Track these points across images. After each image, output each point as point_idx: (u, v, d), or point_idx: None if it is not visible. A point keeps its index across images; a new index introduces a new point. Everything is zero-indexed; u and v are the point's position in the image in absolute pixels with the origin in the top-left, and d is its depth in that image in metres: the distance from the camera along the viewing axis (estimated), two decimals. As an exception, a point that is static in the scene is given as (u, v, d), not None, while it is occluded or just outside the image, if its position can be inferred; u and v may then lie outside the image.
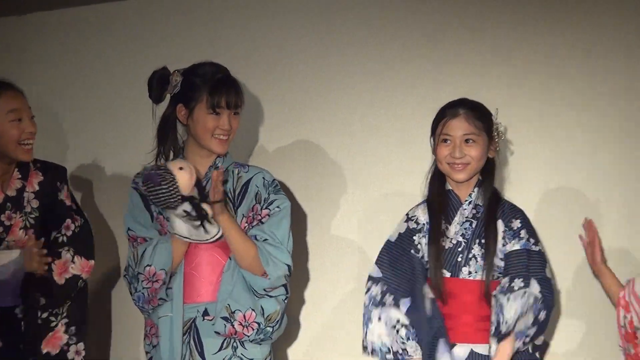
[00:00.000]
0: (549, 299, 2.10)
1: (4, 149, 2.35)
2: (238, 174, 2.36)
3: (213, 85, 2.23)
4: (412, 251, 2.23)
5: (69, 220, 2.49)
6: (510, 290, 2.04)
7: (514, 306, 2.03)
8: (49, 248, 2.39)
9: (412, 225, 2.27)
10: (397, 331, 2.16)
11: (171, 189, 2.08)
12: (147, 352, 2.31)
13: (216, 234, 2.17)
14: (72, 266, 2.42)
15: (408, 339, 2.14)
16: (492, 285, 2.11)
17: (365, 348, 2.21)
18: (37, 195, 2.47)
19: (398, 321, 2.16)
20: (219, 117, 2.23)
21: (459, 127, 2.16)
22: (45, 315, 2.40)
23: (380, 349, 2.17)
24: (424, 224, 2.25)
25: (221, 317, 2.21)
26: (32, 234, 2.40)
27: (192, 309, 2.26)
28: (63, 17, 3.09)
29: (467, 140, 2.16)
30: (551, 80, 2.59)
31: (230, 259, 2.27)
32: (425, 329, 2.14)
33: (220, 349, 2.25)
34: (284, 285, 2.29)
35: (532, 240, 2.15)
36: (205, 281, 2.28)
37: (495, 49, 2.65)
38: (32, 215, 2.44)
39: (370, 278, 2.25)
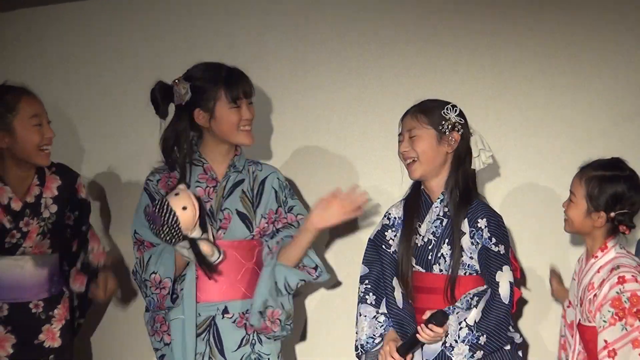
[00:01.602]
0: (484, 293, 2.08)
1: (25, 154, 2.32)
2: (253, 172, 2.37)
3: (227, 80, 2.22)
4: (384, 246, 2.28)
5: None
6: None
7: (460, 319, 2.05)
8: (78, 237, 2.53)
9: (385, 221, 2.32)
10: (376, 319, 2.24)
11: (173, 231, 2.04)
12: (156, 349, 2.28)
13: (217, 259, 2.15)
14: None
15: (387, 325, 2.22)
16: (462, 281, 2.13)
17: (356, 348, 2.26)
18: (55, 200, 2.44)
19: (377, 312, 2.24)
20: (239, 109, 2.23)
21: (405, 124, 2.19)
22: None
23: (367, 342, 2.23)
24: (395, 218, 2.29)
25: (259, 312, 2.22)
26: (48, 239, 2.41)
27: (211, 307, 2.26)
28: (74, 13, 3.06)
29: (411, 136, 2.16)
30: (537, 79, 2.68)
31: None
32: (405, 321, 2.19)
33: (239, 346, 2.27)
34: (321, 274, 2.37)
35: (492, 240, 2.11)
36: (225, 279, 2.26)
37: (481, 48, 2.72)
38: (50, 221, 2.43)
39: (360, 278, 2.32)
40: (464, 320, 2.03)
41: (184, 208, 2.02)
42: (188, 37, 2.94)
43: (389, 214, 2.32)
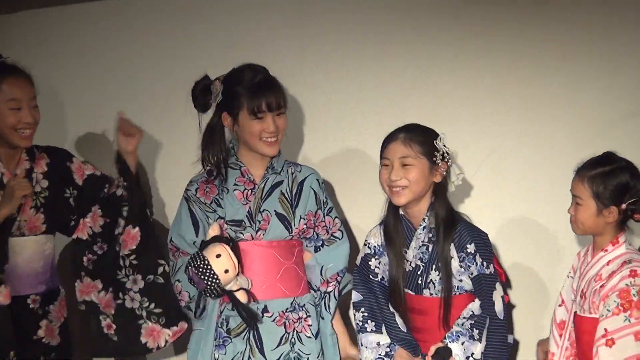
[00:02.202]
0: (483, 320, 2.16)
1: (2, 133, 2.39)
2: (292, 173, 2.38)
3: (252, 91, 2.21)
4: (371, 276, 2.32)
5: (110, 181, 2.53)
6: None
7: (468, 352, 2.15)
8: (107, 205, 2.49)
9: (367, 250, 2.34)
10: (379, 345, 2.27)
11: (215, 291, 2.14)
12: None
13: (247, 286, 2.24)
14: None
15: (392, 347, 2.25)
16: (454, 301, 2.19)
17: None
18: (46, 175, 2.49)
19: (378, 343, 2.27)
20: (262, 120, 2.23)
21: (396, 150, 2.18)
22: None
23: None
24: (375, 247, 2.33)
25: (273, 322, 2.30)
26: (42, 213, 2.45)
27: (251, 306, 2.26)
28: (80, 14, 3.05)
29: (404, 164, 2.17)
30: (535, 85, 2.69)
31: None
32: (413, 342, 2.25)
33: (278, 345, 2.29)
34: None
35: (484, 264, 2.18)
36: (264, 279, 2.30)
37: (478, 50, 2.71)
38: (42, 195, 2.48)
39: (352, 305, 2.34)
40: (472, 355, 2.14)
41: (226, 271, 2.12)
42: (189, 36, 2.94)
43: (369, 242, 2.35)
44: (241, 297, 2.19)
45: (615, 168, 2.08)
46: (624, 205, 2.06)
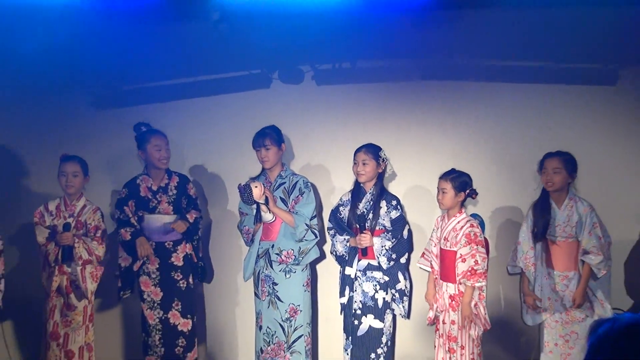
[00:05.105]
0: (396, 245, 4.31)
1: (152, 162, 4.48)
2: (291, 179, 4.45)
3: (254, 139, 4.43)
4: (338, 214, 4.52)
5: (192, 210, 4.69)
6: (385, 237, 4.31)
7: (383, 243, 4.29)
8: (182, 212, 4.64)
9: (340, 202, 4.55)
10: (344, 238, 4.43)
11: (248, 198, 4.16)
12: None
13: (271, 220, 4.31)
14: (195, 215, 4.67)
15: (347, 239, 4.40)
16: (377, 232, 4.31)
17: (332, 253, 4.48)
18: (176, 187, 4.60)
19: (343, 238, 4.44)
20: (259, 152, 4.39)
21: (360, 155, 4.35)
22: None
23: (337, 252, 4.45)
24: (344, 201, 4.50)
25: (275, 253, 4.37)
26: (171, 205, 4.57)
27: (268, 244, 4.40)
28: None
29: (363, 163, 4.33)
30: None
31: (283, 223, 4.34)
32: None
33: (279, 264, 4.40)
34: (313, 233, 4.33)
35: (398, 212, 4.33)
36: (275, 230, 4.39)
37: (405, 114, 4.98)
38: (172, 197, 4.57)
39: (327, 230, 4.60)
40: (384, 246, 4.32)
41: (256, 187, 4.17)
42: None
43: (341, 199, 4.55)
44: (264, 209, 4.30)
45: (461, 174, 4.20)
46: (467, 191, 4.20)
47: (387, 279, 4.37)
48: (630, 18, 4.54)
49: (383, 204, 4.37)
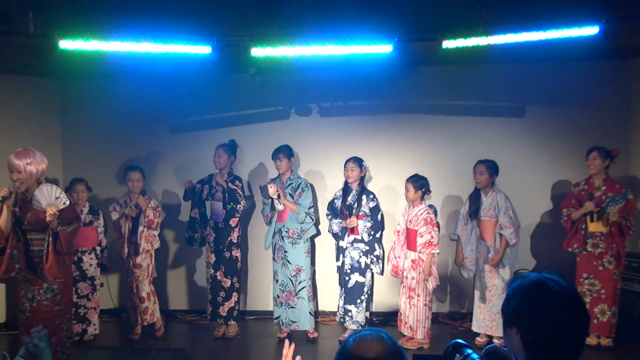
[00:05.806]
0: (374, 225, 6.19)
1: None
2: (297, 181, 6.23)
3: (273, 154, 6.34)
4: (333, 205, 6.41)
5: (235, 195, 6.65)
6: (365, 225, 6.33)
7: (365, 224, 6.23)
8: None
9: (334, 196, 6.45)
10: (339, 221, 6.41)
11: (265, 194, 6.11)
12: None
13: (282, 209, 6.13)
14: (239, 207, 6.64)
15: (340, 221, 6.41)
16: (360, 217, 6.33)
17: (329, 231, 6.41)
18: (226, 183, 6.36)
19: (338, 220, 6.35)
20: (276, 162, 6.25)
21: (349, 164, 6.20)
22: None
23: (333, 231, 6.36)
24: (338, 196, 6.38)
25: (285, 231, 6.27)
26: (224, 194, 6.59)
27: (281, 224, 6.23)
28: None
29: (351, 169, 6.16)
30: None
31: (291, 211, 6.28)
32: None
33: (290, 239, 6.28)
34: (311, 218, 6.16)
35: (374, 203, 6.19)
36: (285, 215, 6.25)
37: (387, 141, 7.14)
38: (221, 191, 6.40)
39: (327, 214, 6.51)
40: (366, 227, 6.25)
41: (271, 187, 6.17)
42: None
43: (335, 194, 6.48)
44: (276, 202, 6.26)
45: (420, 177, 6.32)
46: (423, 189, 6.31)
47: (367, 248, 6.27)
48: (535, 71, 6.80)
49: (364, 197, 6.27)
